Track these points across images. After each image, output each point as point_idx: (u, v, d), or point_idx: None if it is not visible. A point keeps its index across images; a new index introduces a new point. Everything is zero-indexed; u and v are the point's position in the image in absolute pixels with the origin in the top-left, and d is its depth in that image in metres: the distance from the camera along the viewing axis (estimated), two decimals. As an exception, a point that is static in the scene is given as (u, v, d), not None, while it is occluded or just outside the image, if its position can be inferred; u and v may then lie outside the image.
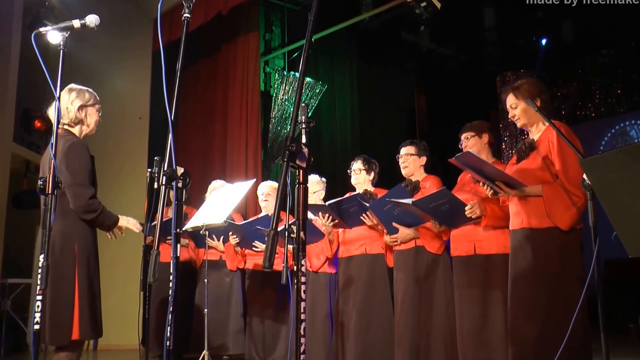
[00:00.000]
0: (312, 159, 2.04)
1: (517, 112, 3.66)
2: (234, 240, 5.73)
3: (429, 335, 4.43)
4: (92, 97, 3.73)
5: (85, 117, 3.69)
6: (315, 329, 5.30)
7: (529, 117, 3.63)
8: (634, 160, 2.16)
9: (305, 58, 2.15)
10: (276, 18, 9.71)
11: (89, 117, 3.71)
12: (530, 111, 3.58)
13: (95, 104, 3.75)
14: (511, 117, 3.73)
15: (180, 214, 2.43)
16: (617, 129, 11.82)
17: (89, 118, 3.71)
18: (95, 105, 3.74)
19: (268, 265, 1.92)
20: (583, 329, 3.24)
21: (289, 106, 8.85)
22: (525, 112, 3.63)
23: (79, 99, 3.65)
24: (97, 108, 3.76)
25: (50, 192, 2.89)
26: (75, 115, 3.63)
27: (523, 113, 3.64)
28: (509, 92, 3.70)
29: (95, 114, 3.74)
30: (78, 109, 3.64)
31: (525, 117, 3.64)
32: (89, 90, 3.75)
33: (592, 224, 2.82)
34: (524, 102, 3.59)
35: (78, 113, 3.64)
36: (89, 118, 3.71)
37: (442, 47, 10.98)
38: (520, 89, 3.64)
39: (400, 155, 4.85)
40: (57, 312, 3.36)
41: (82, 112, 3.66)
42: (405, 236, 4.61)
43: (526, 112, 3.62)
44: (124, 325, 7.06)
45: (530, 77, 3.85)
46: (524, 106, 3.62)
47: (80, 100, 3.65)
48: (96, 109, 3.75)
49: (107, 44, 8.34)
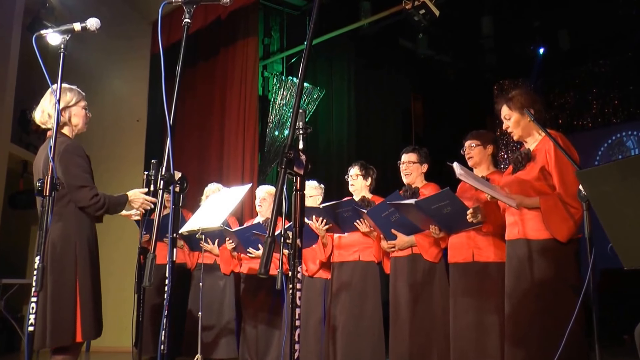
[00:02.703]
0: (310, 166, 2.05)
1: (511, 123, 3.65)
2: (230, 245, 5.72)
3: (424, 343, 4.43)
4: (74, 95, 3.66)
5: (70, 118, 3.64)
6: (308, 333, 5.29)
7: (522, 128, 3.63)
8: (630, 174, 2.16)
9: (305, 65, 2.15)
10: (275, 23, 9.74)
11: (74, 117, 3.66)
12: (524, 122, 3.59)
13: (80, 100, 3.68)
14: (505, 128, 3.72)
15: (177, 219, 2.43)
16: (613, 139, 11.84)
17: (74, 119, 3.66)
18: (80, 103, 3.67)
19: (264, 272, 1.92)
20: (579, 339, 3.24)
21: (286, 111, 8.86)
22: (518, 123, 3.62)
23: (61, 101, 3.58)
24: (83, 105, 3.69)
25: (48, 194, 2.89)
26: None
27: (516, 124, 3.63)
28: (502, 103, 3.70)
29: (80, 112, 3.68)
30: (60, 112, 3.54)
31: (519, 129, 3.63)
32: (72, 88, 3.68)
33: (588, 234, 2.83)
34: (518, 113, 3.59)
35: (61, 116, 3.54)
36: (74, 119, 3.66)
37: (439, 54, 11.01)
38: (513, 100, 3.63)
39: (402, 162, 4.84)
40: (59, 313, 3.36)
41: (65, 114, 3.60)
42: (403, 243, 4.62)
43: (519, 124, 3.62)
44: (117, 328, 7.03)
45: (523, 88, 3.85)
46: (517, 117, 3.61)
47: (62, 103, 3.52)
48: (81, 107, 3.68)
49: (105, 45, 8.34)
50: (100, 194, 3.53)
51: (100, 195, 3.53)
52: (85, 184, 3.49)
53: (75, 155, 3.52)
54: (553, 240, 3.36)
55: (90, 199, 3.47)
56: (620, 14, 9.38)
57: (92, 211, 3.51)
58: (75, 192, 3.47)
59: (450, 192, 3.91)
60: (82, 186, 3.48)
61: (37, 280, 2.82)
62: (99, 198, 3.51)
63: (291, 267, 2.08)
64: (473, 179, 3.51)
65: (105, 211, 3.56)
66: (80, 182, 3.48)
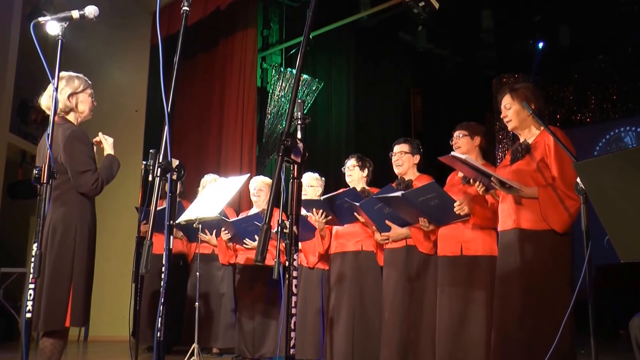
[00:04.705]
0: (307, 154, 2.04)
1: (510, 113, 3.67)
2: (226, 235, 5.73)
3: (417, 334, 4.43)
4: (82, 83, 3.70)
5: (77, 105, 3.69)
6: (306, 324, 5.30)
7: (520, 120, 3.65)
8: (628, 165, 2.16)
9: (303, 53, 2.15)
10: (274, 14, 9.73)
11: (81, 104, 3.70)
12: (523, 115, 3.60)
13: (87, 88, 3.73)
14: (503, 116, 3.74)
15: (174, 206, 2.42)
16: (611, 134, 11.85)
17: (80, 105, 3.70)
18: (87, 91, 3.73)
19: (260, 259, 1.92)
20: (571, 333, 3.26)
21: (285, 103, 8.86)
22: (517, 114, 3.64)
23: (68, 86, 3.64)
24: (89, 93, 3.74)
25: (45, 181, 2.89)
26: (65, 104, 3.62)
27: (515, 115, 3.65)
28: (506, 92, 3.71)
29: (87, 100, 3.73)
30: (68, 98, 3.63)
31: (517, 119, 3.65)
32: (79, 76, 3.73)
33: (585, 227, 2.82)
34: (519, 105, 3.60)
35: (68, 102, 3.63)
36: (80, 105, 3.70)
37: (439, 48, 10.99)
38: (517, 92, 3.65)
39: (394, 153, 4.84)
40: (54, 297, 3.39)
41: (72, 100, 3.65)
42: (397, 235, 4.62)
43: (518, 115, 3.64)
44: (115, 317, 7.07)
45: (530, 83, 3.87)
46: (517, 108, 3.63)
47: (69, 89, 3.63)
48: (88, 94, 3.73)
49: (105, 35, 8.33)
50: (98, 177, 3.58)
51: (99, 178, 3.57)
52: (87, 168, 3.53)
53: (79, 141, 3.55)
54: (549, 231, 3.37)
55: (91, 185, 3.52)
56: (622, 11, 9.40)
57: (92, 194, 3.59)
58: (77, 177, 3.51)
59: (436, 185, 3.93)
60: (85, 171, 3.52)
61: (35, 267, 2.82)
62: (97, 183, 3.55)
63: (288, 254, 2.08)
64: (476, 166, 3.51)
65: (102, 186, 3.62)
66: (83, 167, 3.52)
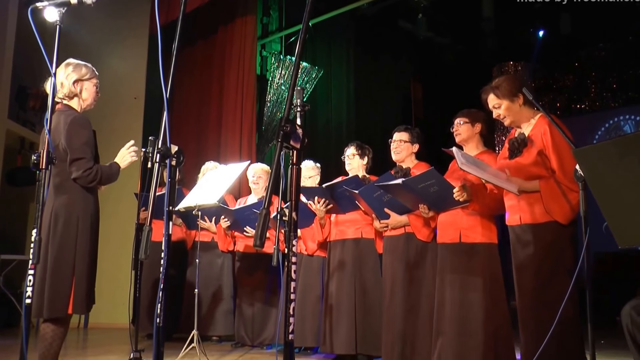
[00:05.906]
0: (306, 140, 2.04)
1: (502, 111, 3.63)
2: (225, 223, 5.72)
3: (416, 321, 4.44)
4: (88, 71, 3.73)
5: (81, 92, 3.70)
6: (305, 311, 5.32)
7: (514, 114, 3.62)
8: (626, 152, 2.16)
9: (302, 40, 2.14)
10: (274, 2, 9.67)
11: (85, 91, 3.72)
12: (515, 108, 3.59)
13: (92, 78, 3.75)
14: (496, 117, 3.71)
15: (173, 192, 2.42)
16: (611, 123, 11.85)
17: (84, 92, 3.72)
18: (92, 80, 3.75)
19: (259, 244, 1.93)
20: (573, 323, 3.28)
21: (284, 90, 8.84)
22: (509, 109, 3.61)
23: (75, 73, 3.66)
24: (95, 82, 3.77)
25: (44, 167, 2.89)
26: (70, 89, 3.64)
27: (508, 111, 3.61)
28: (489, 93, 3.67)
29: (92, 88, 3.75)
30: (73, 83, 3.64)
31: (511, 114, 3.62)
32: (86, 65, 3.75)
33: (583, 214, 2.83)
34: (507, 100, 3.58)
35: (73, 87, 3.65)
36: (84, 92, 3.72)
37: (439, 36, 10.95)
38: (500, 88, 3.61)
39: (393, 141, 4.82)
40: (57, 285, 3.41)
41: (77, 87, 3.67)
42: (396, 223, 4.62)
43: (511, 110, 3.61)
44: (115, 304, 7.08)
45: (508, 75, 3.84)
46: (507, 104, 3.60)
47: (76, 75, 3.65)
48: (93, 84, 3.76)
49: (104, 23, 8.30)
50: (95, 166, 3.57)
51: (94, 168, 3.55)
52: (82, 155, 3.52)
53: (80, 128, 3.56)
54: (554, 222, 3.38)
55: (83, 171, 3.50)
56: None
57: (83, 183, 3.54)
58: (72, 163, 3.51)
59: (435, 172, 3.91)
60: (79, 158, 3.51)
61: (34, 253, 2.83)
62: (91, 170, 3.53)
63: (287, 240, 2.08)
64: (475, 168, 3.50)
65: (97, 182, 3.60)
66: (78, 154, 3.51)
